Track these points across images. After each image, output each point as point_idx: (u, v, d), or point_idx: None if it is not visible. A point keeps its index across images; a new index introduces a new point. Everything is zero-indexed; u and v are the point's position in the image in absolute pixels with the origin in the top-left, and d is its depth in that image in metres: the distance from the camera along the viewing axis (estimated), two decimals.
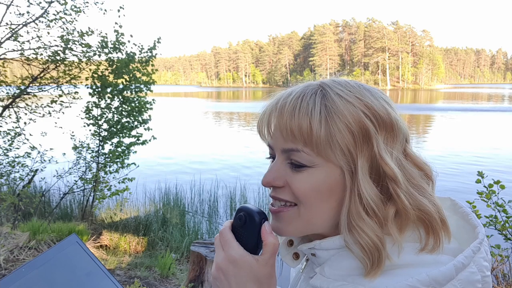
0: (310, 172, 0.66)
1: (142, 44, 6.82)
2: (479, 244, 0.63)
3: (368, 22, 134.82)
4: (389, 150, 0.66)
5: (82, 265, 0.82)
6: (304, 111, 0.65)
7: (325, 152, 0.64)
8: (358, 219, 0.63)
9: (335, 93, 0.67)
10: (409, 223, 0.65)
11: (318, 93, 0.67)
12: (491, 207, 3.57)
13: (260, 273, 0.66)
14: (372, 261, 0.62)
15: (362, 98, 0.67)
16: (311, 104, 0.66)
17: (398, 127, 0.68)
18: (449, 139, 17.83)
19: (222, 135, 20.82)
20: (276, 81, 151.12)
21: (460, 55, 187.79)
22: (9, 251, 4.56)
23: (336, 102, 0.65)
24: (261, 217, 0.68)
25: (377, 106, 0.67)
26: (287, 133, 0.66)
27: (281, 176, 0.69)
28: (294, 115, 0.65)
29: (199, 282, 3.80)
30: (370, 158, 0.65)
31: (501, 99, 58.86)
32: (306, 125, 0.64)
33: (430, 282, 0.57)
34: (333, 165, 0.65)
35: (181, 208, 7.69)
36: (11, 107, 6.65)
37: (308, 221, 0.68)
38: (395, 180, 0.64)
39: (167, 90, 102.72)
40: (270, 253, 0.67)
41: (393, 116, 0.67)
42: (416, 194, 0.65)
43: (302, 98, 0.67)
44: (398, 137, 0.68)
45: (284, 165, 0.69)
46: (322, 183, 0.66)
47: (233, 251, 0.66)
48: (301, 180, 0.66)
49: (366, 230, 0.62)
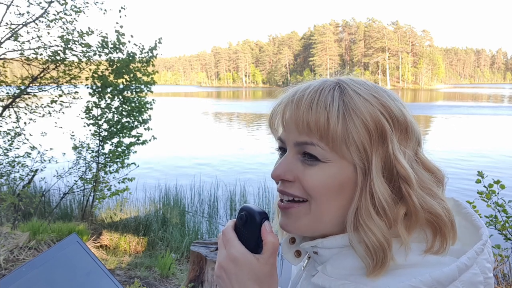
0: (322, 167, 0.65)
1: (142, 44, 6.83)
2: (483, 245, 0.63)
3: (368, 22, 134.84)
4: (403, 151, 0.66)
5: (82, 265, 0.82)
6: (322, 105, 0.65)
7: (340, 148, 0.64)
8: (367, 218, 0.63)
9: (353, 90, 0.67)
10: (417, 225, 0.64)
11: (337, 88, 0.67)
12: (491, 207, 3.57)
13: (260, 271, 0.66)
14: (376, 261, 0.61)
15: (379, 97, 0.67)
16: (329, 98, 0.65)
17: (412, 129, 0.68)
18: (449, 139, 17.84)
19: (222, 135, 20.82)
20: (276, 81, 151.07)
21: (460, 55, 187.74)
22: (9, 251, 4.56)
23: (354, 99, 0.65)
24: (261, 216, 0.68)
25: (393, 106, 0.67)
26: (303, 126, 0.65)
27: (292, 169, 0.68)
28: (311, 108, 0.65)
29: (199, 282, 3.79)
30: (385, 157, 0.64)
31: (500, 99, 58.84)
32: (323, 119, 0.64)
33: (433, 283, 0.57)
34: (346, 162, 0.65)
35: (181, 208, 7.69)
36: (11, 107, 6.65)
37: (317, 218, 0.67)
38: (408, 181, 0.63)
39: (167, 90, 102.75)
40: (270, 252, 0.67)
41: (408, 118, 0.68)
42: (426, 196, 0.64)
43: (321, 92, 0.66)
44: (412, 139, 0.68)
45: (295, 159, 0.68)
46: (333, 179, 0.65)
47: (234, 250, 0.67)
48: (313, 175, 0.66)
49: (374, 229, 0.62)
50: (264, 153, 12.95)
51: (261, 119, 28.63)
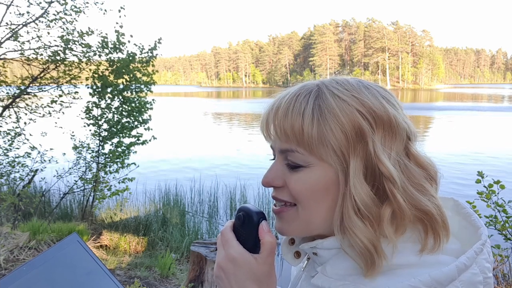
0: (306, 172, 0.66)
1: (142, 44, 6.83)
2: (482, 245, 0.63)
3: (368, 22, 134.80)
4: (387, 149, 0.64)
5: (82, 264, 0.82)
6: (297, 111, 0.65)
7: (318, 151, 0.64)
8: (349, 221, 0.63)
9: (330, 92, 0.66)
10: (406, 223, 0.64)
11: (313, 92, 0.67)
12: (491, 207, 3.57)
13: (259, 271, 0.67)
14: (365, 263, 0.62)
15: (358, 96, 0.66)
16: (303, 104, 0.66)
17: (397, 124, 0.66)
18: (449, 139, 17.83)
19: (222, 135, 20.82)
20: (276, 81, 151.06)
21: (460, 55, 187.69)
22: (9, 251, 4.56)
23: (330, 102, 0.65)
24: (259, 216, 0.70)
25: (374, 103, 0.65)
26: (281, 133, 0.67)
27: (280, 176, 0.69)
28: (287, 115, 0.66)
29: (199, 282, 3.79)
30: (365, 157, 0.64)
31: (500, 99, 58.83)
32: (298, 125, 0.64)
33: (432, 282, 0.57)
34: (327, 165, 0.65)
35: (181, 208, 7.69)
36: (11, 107, 6.65)
37: (307, 221, 0.68)
38: (391, 180, 0.63)
39: (167, 90, 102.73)
40: (267, 251, 0.68)
41: (391, 113, 0.66)
42: (416, 193, 0.64)
43: (296, 98, 0.67)
44: (398, 135, 0.66)
45: (282, 165, 0.69)
46: (317, 183, 0.66)
47: (233, 250, 0.68)
48: (297, 180, 0.67)
49: (357, 232, 0.62)
50: (264, 153, 12.95)
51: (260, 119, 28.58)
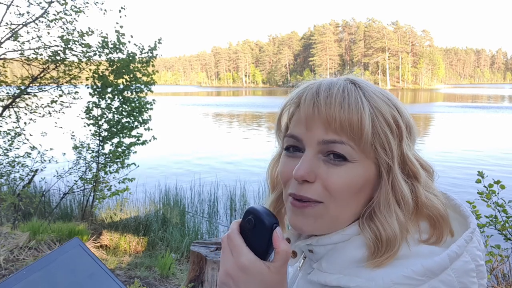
0: (348, 167, 0.65)
1: (142, 44, 6.83)
2: (471, 233, 0.64)
3: (368, 22, 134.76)
4: (411, 150, 0.70)
5: (84, 267, 0.81)
6: (354, 105, 0.65)
7: (368, 148, 0.65)
8: (386, 209, 0.65)
9: (371, 91, 0.68)
10: (416, 218, 0.67)
11: (358, 89, 0.68)
12: (491, 207, 3.57)
13: (271, 281, 0.62)
14: (385, 250, 0.63)
15: (391, 99, 0.70)
16: (358, 99, 0.66)
17: (414, 130, 0.71)
18: (448, 139, 17.84)
19: (222, 134, 20.82)
20: (276, 81, 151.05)
21: (460, 55, 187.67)
22: (9, 251, 4.56)
23: (377, 101, 0.67)
24: (272, 221, 0.63)
25: (401, 107, 0.70)
26: (335, 124, 0.64)
27: (314, 169, 0.66)
28: (343, 108, 0.64)
29: (199, 282, 3.79)
30: (401, 155, 0.67)
31: (501, 100, 58.83)
32: (357, 119, 0.64)
33: (425, 272, 0.58)
34: (371, 162, 0.67)
35: (181, 208, 7.68)
36: (11, 107, 6.65)
37: (335, 217, 0.67)
38: (417, 178, 0.67)
39: (167, 90, 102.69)
40: (283, 261, 0.63)
41: (411, 119, 0.71)
42: (427, 193, 0.68)
43: (349, 93, 0.66)
44: (414, 140, 0.71)
45: (316, 158, 0.66)
46: (358, 179, 0.66)
47: (244, 258, 0.62)
48: (339, 175, 0.65)
49: (390, 220, 0.64)
50: (264, 153, 12.95)
51: (260, 119, 28.64)
